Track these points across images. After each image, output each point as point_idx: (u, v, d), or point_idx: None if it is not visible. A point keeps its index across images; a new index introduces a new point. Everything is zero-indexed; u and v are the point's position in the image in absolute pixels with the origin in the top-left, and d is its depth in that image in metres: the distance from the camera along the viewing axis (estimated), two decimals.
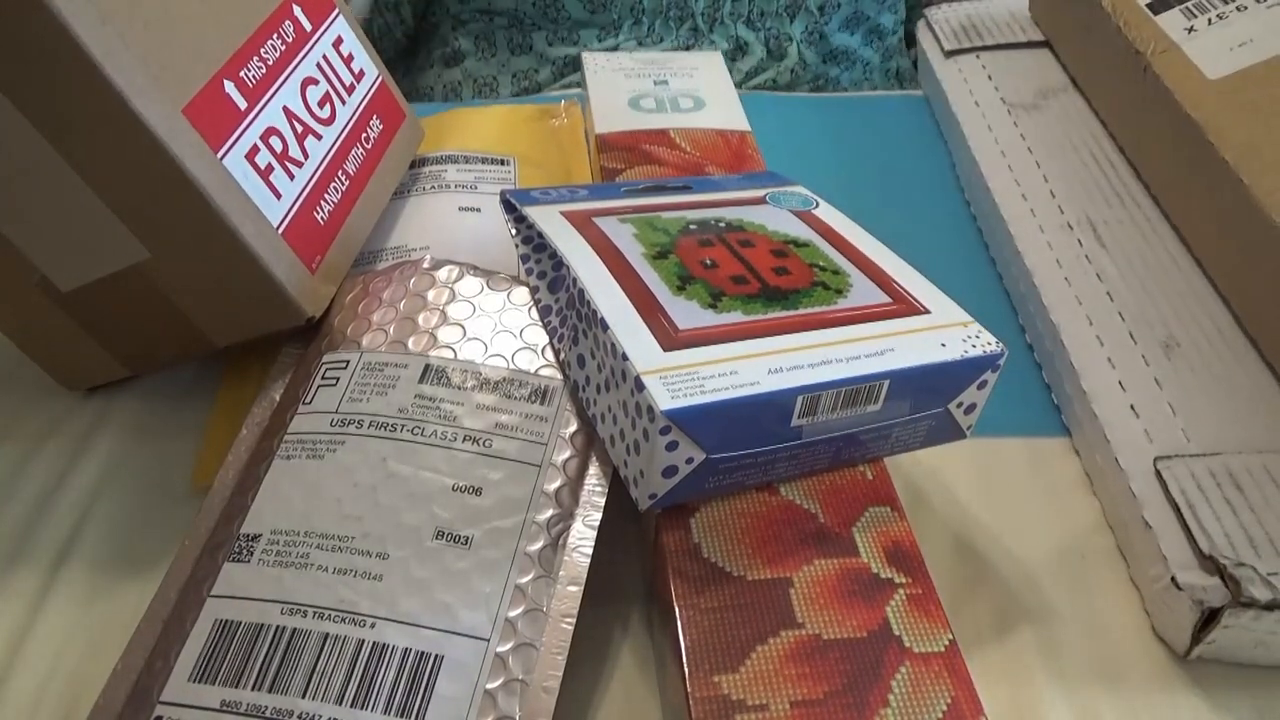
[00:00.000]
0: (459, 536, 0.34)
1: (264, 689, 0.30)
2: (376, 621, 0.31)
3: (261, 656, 0.30)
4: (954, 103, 0.63)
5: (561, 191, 0.43)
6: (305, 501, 0.34)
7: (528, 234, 0.42)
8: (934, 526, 0.43)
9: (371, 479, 0.35)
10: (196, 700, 0.29)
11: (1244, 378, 0.44)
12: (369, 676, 0.30)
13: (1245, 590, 0.35)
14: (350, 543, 0.33)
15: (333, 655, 0.30)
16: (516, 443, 0.37)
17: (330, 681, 0.30)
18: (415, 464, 0.35)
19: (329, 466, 0.35)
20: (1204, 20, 0.53)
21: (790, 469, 0.35)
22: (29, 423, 0.46)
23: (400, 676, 0.30)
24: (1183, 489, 0.39)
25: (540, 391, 0.38)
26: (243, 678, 0.30)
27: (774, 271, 0.38)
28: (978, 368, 0.35)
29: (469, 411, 0.37)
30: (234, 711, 0.29)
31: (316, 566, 0.32)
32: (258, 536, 0.33)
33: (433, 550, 0.33)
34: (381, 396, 0.37)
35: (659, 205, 0.43)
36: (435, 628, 0.31)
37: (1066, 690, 0.37)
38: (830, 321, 0.36)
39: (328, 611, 0.31)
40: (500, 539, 0.34)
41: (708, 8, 0.77)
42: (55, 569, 0.40)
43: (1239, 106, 0.47)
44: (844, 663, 0.31)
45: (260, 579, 0.32)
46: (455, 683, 0.30)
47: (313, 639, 0.31)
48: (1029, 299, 0.51)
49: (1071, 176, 0.56)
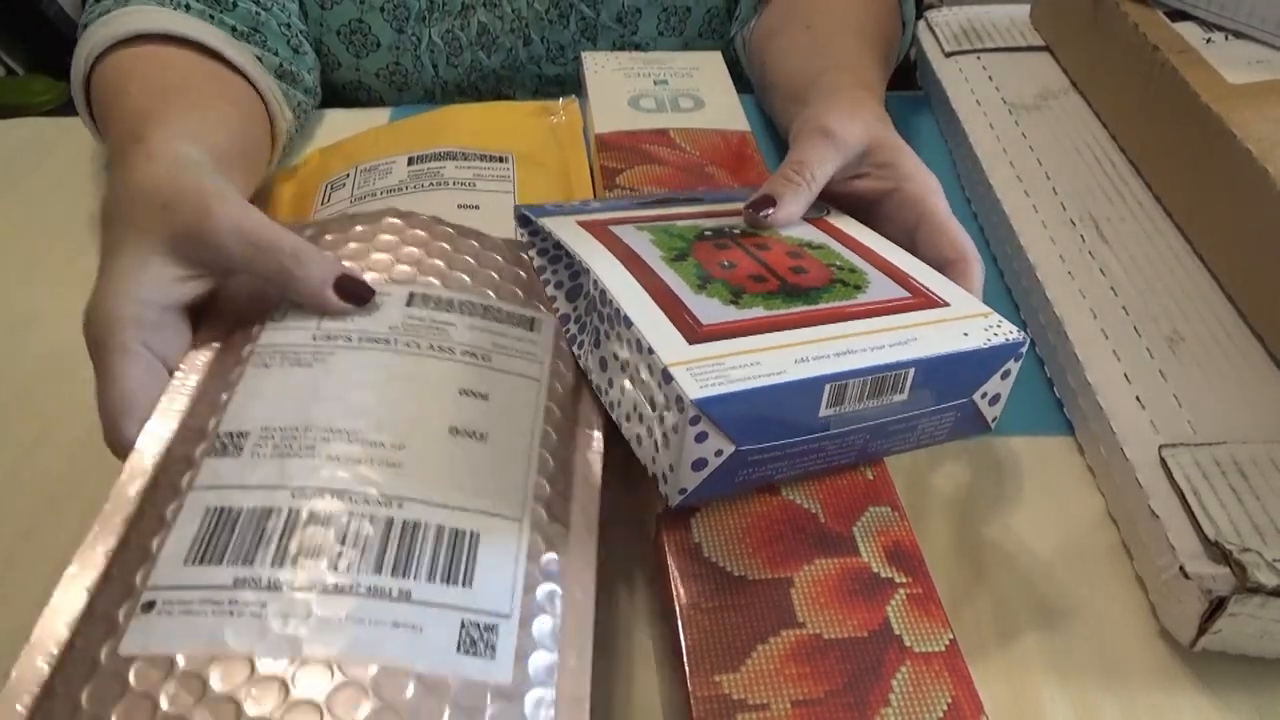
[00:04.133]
0: (474, 433, 0.33)
1: (284, 565, 0.28)
2: (405, 501, 0.30)
3: (276, 536, 0.29)
4: (955, 101, 0.63)
5: (574, 205, 0.43)
6: (300, 401, 0.33)
7: (543, 246, 0.42)
8: (935, 526, 0.42)
9: (374, 379, 0.34)
10: (201, 580, 0.28)
11: (1248, 370, 0.44)
12: (405, 549, 0.29)
13: (1251, 575, 0.35)
14: (362, 434, 0.32)
15: (361, 533, 0.29)
16: (516, 360, 0.37)
17: (365, 554, 0.29)
18: (418, 370, 0.35)
19: (321, 371, 0.34)
20: (1221, 35, 0.54)
21: (818, 462, 0.35)
22: None
23: (439, 549, 0.30)
24: (1188, 476, 0.39)
25: (528, 321, 0.39)
26: (256, 556, 0.29)
27: (792, 270, 0.38)
28: (1001, 356, 0.35)
29: (462, 331, 0.37)
30: (254, 587, 0.28)
31: (326, 456, 0.31)
32: (245, 433, 0.32)
33: (450, 443, 0.33)
34: (367, 317, 0.36)
35: (672, 215, 0.43)
36: (466, 508, 0.31)
37: (1068, 688, 0.37)
38: (852, 315, 0.35)
39: (347, 493, 0.30)
40: (515, 437, 0.34)
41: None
42: None
43: (1259, 111, 0.48)
44: (845, 662, 0.31)
45: (256, 469, 0.31)
46: (495, 556, 0.30)
47: (335, 517, 0.30)
48: (1032, 293, 0.50)
49: (1073, 174, 0.56)
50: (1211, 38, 0.54)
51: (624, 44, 0.72)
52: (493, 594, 0.29)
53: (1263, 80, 0.50)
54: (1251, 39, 0.54)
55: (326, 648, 0.27)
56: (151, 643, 0.27)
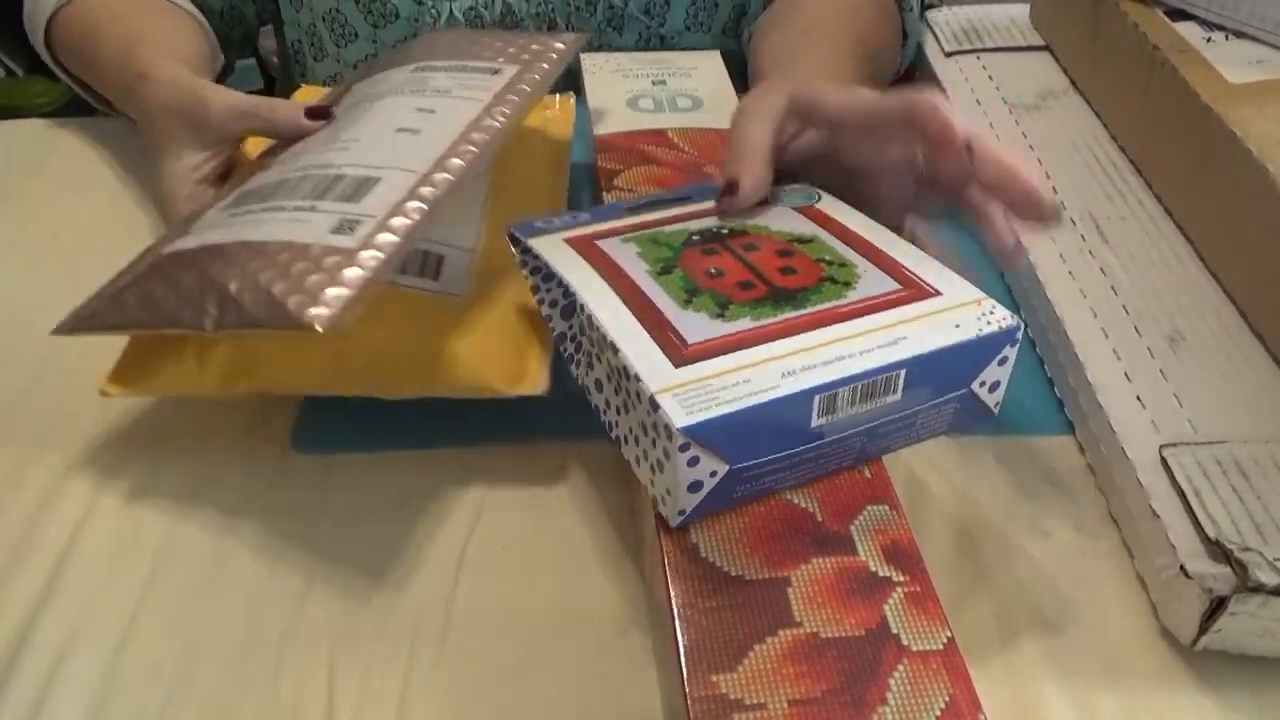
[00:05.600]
0: (412, 129, 0.47)
1: (258, 203, 0.43)
2: (342, 166, 0.44)
3: (262, 194, 0.44)
4: (955, 101, 0.63)
5: (565, 218, 0.43)
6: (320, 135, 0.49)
7: (535, 264, 0.42)
8: (934, 525, 0.42)
9: (358, 113, 0.49)
10: (211, 218, 0.44)
11: (1249, 370, 0.43)
12: (325, 187, 0.43)
13: (1252, 574, 0.34)
14: (336, 138, 0.47)
15: (306, 185, 0.43)
16: (472, 90, 0.50)
17: (302, 190, 0.43)
18: (392, 103, 0.49)
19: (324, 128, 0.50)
20: (1221, 35, 0.54)
21: (818, 469, 0.35)
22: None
23: (348, 187, 0.43)
24: (1189, 476, 0.39)
25: (492, 70, 0.52)
26: (245, 202, 0.44)
27: (780, 272, 0.38)
28: (996, 344, 0.35)
29: (440, 79, 0.51)
30: (234, 215, 0.43)
31: (310, 151, 0.47)
32: (274, 155, 0.48)
33: (392, 135, 0.46)
34: (385, 83, 0.52)
35: (661, 220, 0.43)
36: (382, 166, 0.44)
37: (1067, 688, 0.37)
38: (841, 316, 0.35)
39: (313, 168, 0.45)
40: (444, 131, 0.46)
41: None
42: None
43: (1259, 110, 0.48)
44: (842, 661, 0.30)
45: (272, 172, 0.46)
46: (386, 189, 0.42)
47: (294, 180, 0.44)
48: (1032, 293, 0.50)
49: (1073, 174, 0.56)
50: (1211, 37, 0.54)
51: (650, 36, 0.72)
52: (371, 206, 0.42)
53: (1263, 80, 0.50)
54: (1252, 38, 0.54)
55: (253, 236, 0.41)
56: (175, 248, 0.42)
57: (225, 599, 0.40)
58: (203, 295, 0.39)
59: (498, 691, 0.37)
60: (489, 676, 0.37)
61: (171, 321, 0.40)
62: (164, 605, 0.40)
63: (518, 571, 0.41)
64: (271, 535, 0.42)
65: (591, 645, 0.38)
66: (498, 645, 0.38)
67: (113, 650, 0.38)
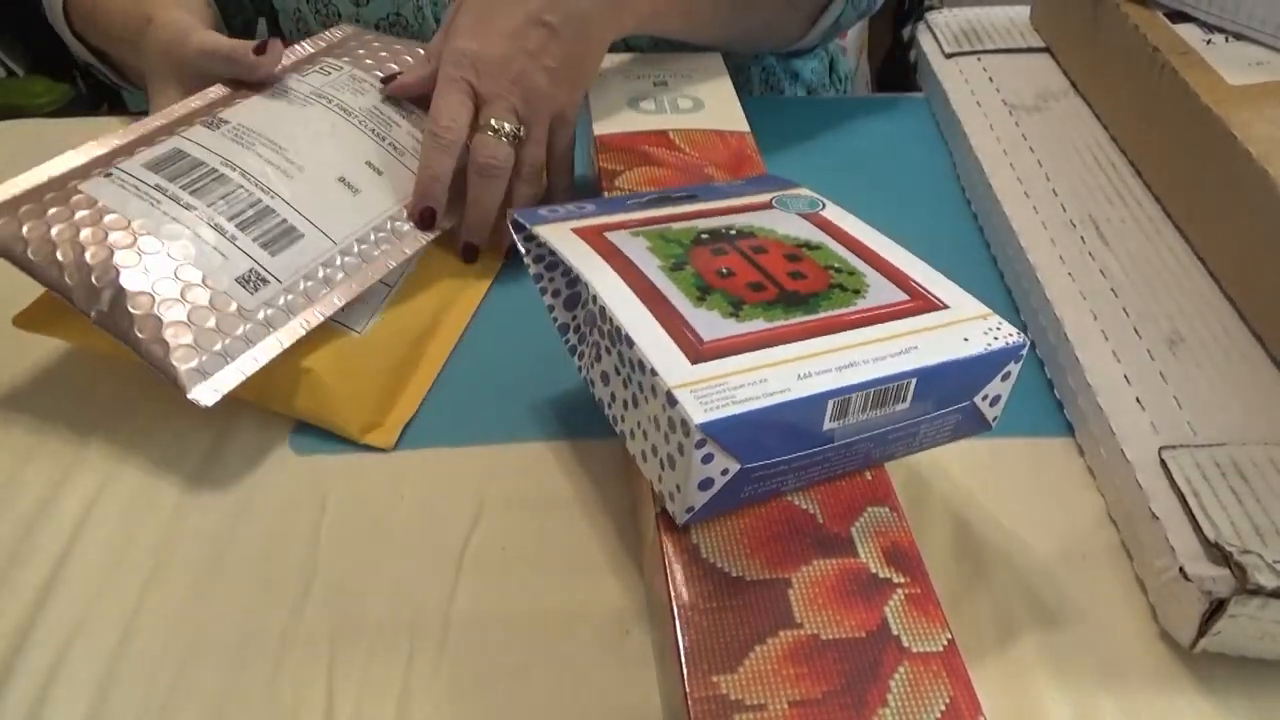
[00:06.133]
0: (353, 187, 0.50)
1: (187, 191, 0.46)
2: (276, 197, 0.47)
3: (195, 176, 0.47)
4: (955, 102, 0.63)
5: (570, 209, 0.43)
6: (275, 119, 0.51)
7: (539, 253, 0.41)
8: (934, 526, 0.42)
9: (318, 128, 0.52)
10: (142, 177, 0.46)
11: (1249, 372, 0.43)
12: (253, 218, 0.46)
13: (1252, 577, 0.34)
14: (284, 152, 0.49)
15: (240, 198, 0.46)
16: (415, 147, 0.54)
17: (231, 207, 0.46)
18: (348, 133, 0.52)
19: (288, 107, 0.52)
20: (1221, 37, 0.54)
21: (823, 473, 0.35)
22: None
23: (273, 229, 0.46)
24: (1188, 478, 0.39)
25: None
26: (177, 179, 0.46)
27: (790, 276, 0.38)
28: (1001, 359, 0.35)
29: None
30: (162, 193, 0.46)
31: (257, 152, 0.49)
32: (226, 121, 0.50)
33: (333, 184, 0.50)
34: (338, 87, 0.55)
35: (668, 216, 0.43)
36: (311, 220, 0.48)
37: (1067, 690, 0.37)
38: (852, 323, 0.35)
39: (252, 177, 0.48)
40: (379, 205, 0.50)
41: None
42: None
43: (1259, 112, 0.48)
44: (842, 662, 0.31)
45: (217, 142, 0.49)
46: (303, 252, 0.46)
47: (232, 184, 0.47)
48: (1032, 294, 0.50)
49: (1073, 176, 0.56)
50: (1212, 39, 0.54)
51: (652, 36, 0.71)
52: (283, 267, 0.45)
53: (1263, 82, 0.50)
54: (1252, 40, 0.54)
55: (167, 240, 0.44)
56: (96, 191, 0.45)
57: (225, 599, 0.40)
58: (101, 287, 0.42)
59: (498, 691, 0.37)
60: (489, 676, 0.37)
61: (61, 291, 0.42)
62: (164, 605, 0.39)
63: (518, 571, 0.41)
64: (271, 535, 0.42)
65: (591, 645, 0.38)
66: (498, 645, 0.38)
67: (112, 650, 0.38)
